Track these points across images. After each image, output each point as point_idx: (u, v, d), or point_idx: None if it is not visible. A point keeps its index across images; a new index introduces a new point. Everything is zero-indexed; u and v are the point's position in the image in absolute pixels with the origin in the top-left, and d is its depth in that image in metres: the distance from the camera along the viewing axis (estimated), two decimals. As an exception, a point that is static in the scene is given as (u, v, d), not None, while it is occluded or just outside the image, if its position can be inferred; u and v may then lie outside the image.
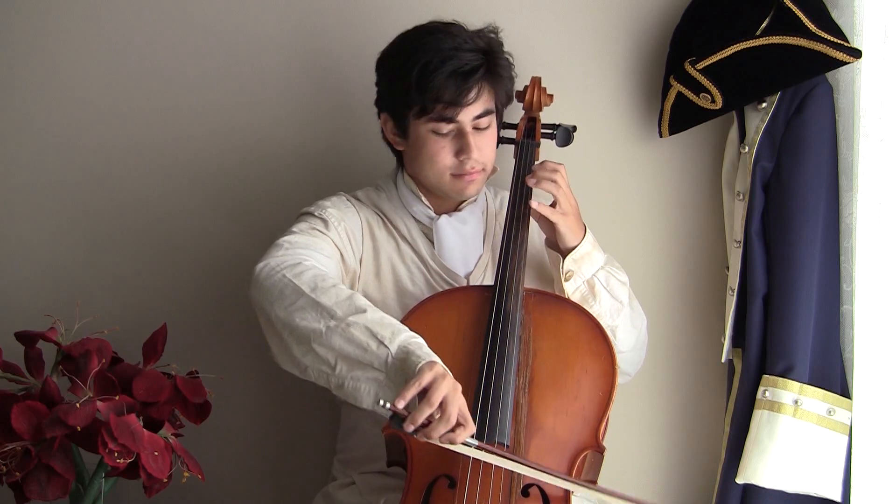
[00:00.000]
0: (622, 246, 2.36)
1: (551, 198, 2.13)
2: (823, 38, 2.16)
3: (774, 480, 2.19)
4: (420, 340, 1.86)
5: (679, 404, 2.48)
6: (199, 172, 2.51)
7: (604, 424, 1.99)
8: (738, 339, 2.31)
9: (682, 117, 2.36)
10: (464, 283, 2.20)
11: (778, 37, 2.20)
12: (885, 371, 2.19)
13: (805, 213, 2.21)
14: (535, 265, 2.22)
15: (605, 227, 2.30)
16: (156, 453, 1.92)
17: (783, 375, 2.20)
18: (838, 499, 2.20)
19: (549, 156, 2.23)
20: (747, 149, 2.28)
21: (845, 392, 2.22)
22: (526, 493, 1.92)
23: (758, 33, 2.21)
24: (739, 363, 2.31)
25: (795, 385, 2.19)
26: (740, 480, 2.22)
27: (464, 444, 1.80)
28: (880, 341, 2.19)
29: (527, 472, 1.86)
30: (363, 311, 1.87)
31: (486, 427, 1.91)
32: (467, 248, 2.23)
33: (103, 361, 2.02)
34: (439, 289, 2.17)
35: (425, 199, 2.22)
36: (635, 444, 2.47)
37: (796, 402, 2.18)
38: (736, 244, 2.30)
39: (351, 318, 1.86)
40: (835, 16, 2.22)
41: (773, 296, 2.23)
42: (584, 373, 2.02)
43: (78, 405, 1.91)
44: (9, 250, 2.53)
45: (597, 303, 2.14)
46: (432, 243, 2.22)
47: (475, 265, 2.23)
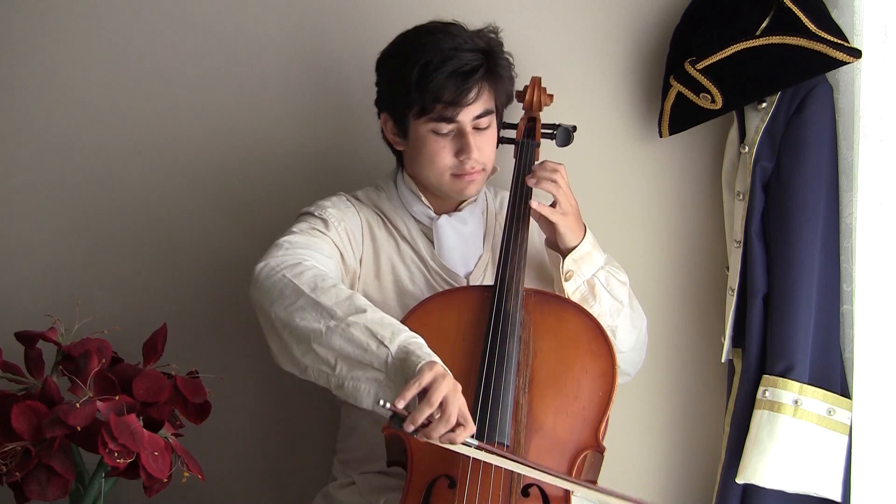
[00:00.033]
0: (622, 246, 2.36)
1: (551, 198, 2.13)
2: (823, 38, 2.16)
3: (774, 480, 2.19)
4: (420, 340, 1.86)
5: (679, 404, 2.48)
6: (199, 172, 2.51)
7: (604, 424, 1.99)
8: (738, 339, 2.31)
9: (682, 117, 2.36)
10: (464, 283, 2.20)
11: (778, 37, 2.20)
12: (885, 371, 2.19)
13: (805, 213, 2.21)
14: (535, 265, 2.21)
15: (605, 227, 2.30)
16: (156, 453, 1.92)
17: (783, 375, 2.20)
18: (838, 499, 2.20)
19: (549, 156, 2.23)
20: (747, 149, 2.28)
21: (845, 392, 2.22)
22: (526, 493, 1.92)
23: (758, 33, 2.21)
24: (739, 363, 2.31)
25: (795, 385, 2.19)
26: (740, 480, 2.22)
27: (464, 444, 1.80)
28: (880, 341, 2.19)
29: (527, 473, 1.86)
30: (363, 310, 1.87)
31: (486, 427, 1.91)
32: (467, 248, 2.23)
33: (103, 361, 2.02)
34: (439, 289, 2.17)
35: (425, 199, 2.22)
36: (635, 444, 2.47)
37: (796, 402, 2.18)
38: (736, 244, 2.30)
39: (351, 318, 1.86)
40: (835, 16, 2.22)
41: (773, 296, 2.23)
42: (584, 373, 2.02)
43: (78, 405, 1.91)
44: (9, 250, 2.53)
45: (597, 303, 2.14)
46: (432, 243, 2.22)
47: (475, 265, 2.23)
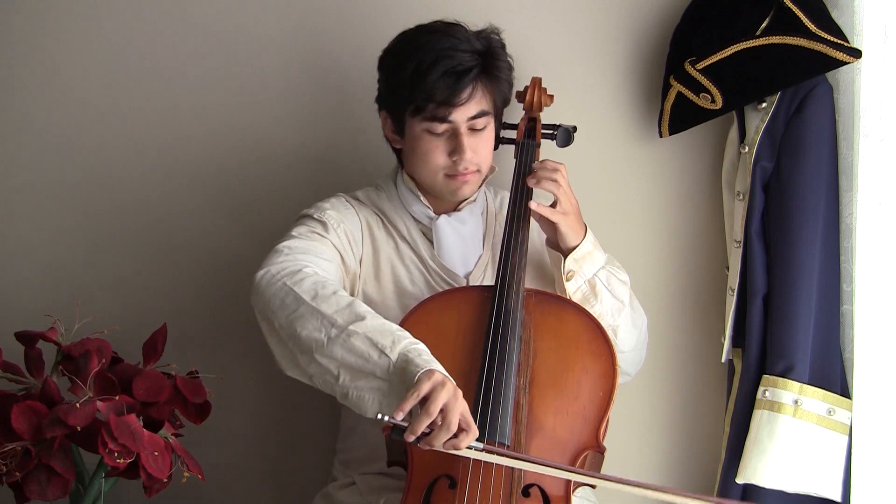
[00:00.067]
0: (622, 246, 2.36)
1: (552, 197, 2.13)
2: (823, 38, 2.16)
3: (774, 480, 2.19)
4: (420, 347, 1.85)
5: (679, 404, 2.48)
6: (199, 172, 2.51)
7: (604, 424, 1.99)
8: (738, 339, 2.31)
9: (682, 117, 2.36)
10: (463, 283, 2.20)
11: (778, 37, 2.20)
12: (885, 371, 2.19)
13: (805, 213, 2.21)
14: (535, 265, 2.21)
15: (605, 227, 2.30)
16: (156, 453, 1.92)
17: (783, 375, 2.20)
18: (838, 499, 2.20)
19: (549, 156, 2.23)
20: (747, 149, 2.28)
21: (845, 392, 2.22)
22: (526, 493, 1.91)
23: (758, 33, 2.21)
24: (739, 363, 2.31)
25: (795, 385, 2.19)
26: (740, 480, 2.22)
27: (469, 447, 1.79)
28: (880, 341, 2.19)
29: (535, 469, 1.85)
30: (363, 318, 1.87)
31: (487, 427, 1.91)
32: (467, 248, 2.23)
33: (103, 361, 2.02)
34: (439, 289, 2.17)
35: (424, 199, 2.21)
36: (635, 444, 2.47)
37: (796, 402, 2.18)
38: (736, 244, 2.30)
39: (351, 328, 1.85)
40: (835, 16, 2.22)
41: (773, 296, 2.23)
42: (585, 373, 2.01)
43: (78, 405, 1.91)
44: (9, 250, 2.53)
45: (598, 302, 2.14)
46: (432, 243, 2.22)
47: (475, 265, 2.23)
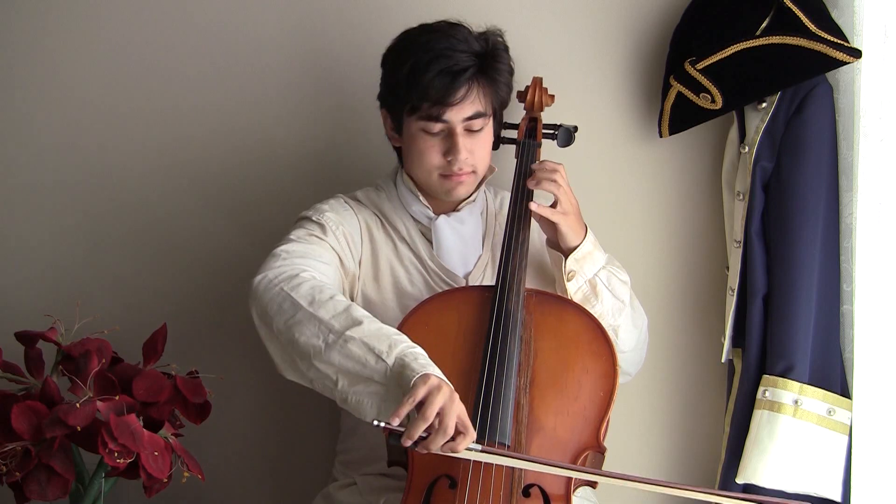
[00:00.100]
0: (622, 246, 2.36)
1: (552, 198, 2.13)
2: (823, 38, 2.16)
3: (774, 480, 2.19)
4: (417, 350, 1.85)
5: (679, 404, 2.48)
6: (199, 172, 2.51)
7: (605, 425, 1.99)
8: (738, 339, 2.31)
9: (682, 117, 2.36)
10: (462, 283, 2.19)
11: (778, 37, 2.20)
12: (885, 371, 2.19)
13: (805, 213, 2.21)
14: (535, 265, 2.21)
15: (605, 227, 2.30)
16: (156, 453, 1.92)
17: (783, 375, 2.20)
18: (838, 499, 2.20)
19: (550, 156, 2.23)
20: (747, 149, 2.28)
21: (845, 392, 2.22)
22: (527, 493, 1.91)
23: (758, 33, 2.21)
24: (739, 363, 2.31)
25: (795, 385, 2.19)
26: (740, 480, 2.22)
27: (467, 449, 1.79)
28: (880, 341, 2.19)
29: (535, 468, 1.85)
30: (360, 323, 1.86)
31: (487, 427, 1.91)
32: (466, 248, 2.23)
33: (103, 361, 2.02)
34: (438, 289, 2.17)
35: (423, 199, 2.21)
36: (635, 444, 2.47)
37: (796, 402, 2.19)
38: (736, 244, 2.30)
39: (348, 333, 1.85)
40: (835, 16, 2.22)
41: (773, 296, 2.23)
42: (585, 373, 2.01)
43: (78, 405, 1.91)
44: (9, 250, 2.53)
45: (599, 302, 2.14)
46: (431, 244, 2.22)
47: (474, 265, 2.22)
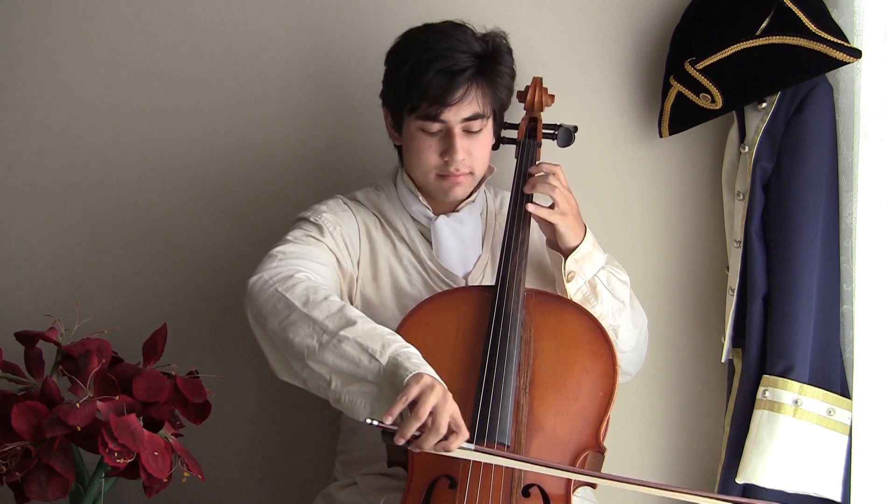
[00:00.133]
0: (622, 246, 2.36)
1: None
2: (823, 38, 2.16)
3: (774, 480, 2.19)
4: (410, 350, 1.85)
5: (679, 404, 2.48)
6: (198, 172, 2.51)
7: (604, 425, 1.99)
8: (738, 339, 2.31)
9: (682, 117, 2.36)
10: (462, 283, 2.19)
11: (778, 37, 2.20)
12: (885, 371, 2.19)
13: (805, 213, 2.21)
14: (535, 265, 2.21)
15: (605, 227, 2.30)
16: (156, 453, 1.92)
17: (783, 375, 2.20)
18: (838, 499, 2.20)
19: (550, 156, 2.23)
20: (747, 149, 2.28)
21: (845, 392, 2.22)
22: (526, 493, 1.91)
23: (758, 33, 2.21)
24: (739, 363, 2.31)
25: (795, 385, 2.19)
26: (740, 480, 2.22)
27: (461, 448, 1.79)
28: (880, 341, 2.19)
29: (528, 468, 1.85)
30: (353, 323, 1.86)
31: (487, 427, 1.91)
32: (466, 248, 2.22)
33: (103, 361, 2.02)
34: (437, 290, 2.17)
35: (423, 199, 2.21)
36: (635, 444, 2.47)
37: (796, 402, 2.18)
38: (736, 244, 2.30)
39: (342, 333, 1.85)
40: (835, 16, 2.22)
41: (773, 296, 2.23)
42: (585, 373, 2.01)
43: (78, 405, 1.91)
44: (9, 250, 2.53)
45: (598, 303, 2.14)
46: (431, 244, 2.22)
47: (474, 266, 2.22)
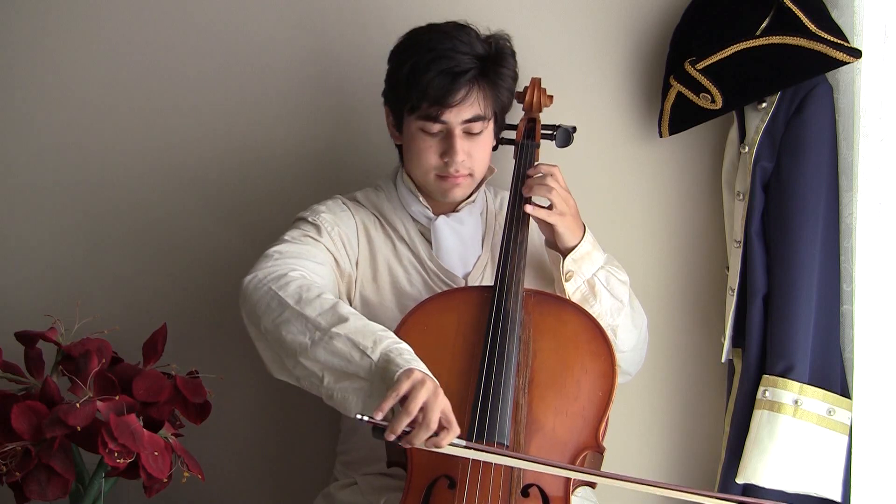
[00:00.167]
0: (622, 246, 2.36)
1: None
2: (823, 38, 2.16)
3: (774, 480, 2.19)
4: (402, 346, 1.85)
5: (679, 404, 2.48)
6: (199, 172, 2.51)
7: (604, 424, 1.99)
8: (738, 339, 2.31)
9: (682, 117, 2.36)
10: (462, 283, 2.19)
11: (778, 37, 2.20)
12: (885, 371, 2.19)
13: (805, 213, 2.21)
14: (534, 265, 2.21)
15: (605, 227, 2.30)
16: (156, 453, 1.92)
17: (783, 375, 2.20)
18: (838, 499, 2.20)
19: (549, 156, 2.23)
20: (747, 149, 2.28)
21: (845, 392, 2.22)
22: (526, 493, 1.91)
23: (758, 33, 2.21)
24: (739, 363, 2.31)
25: (795, 385, 2.19)
26: (740, 480, 2.22)
27: (452, 444, 1.79)
28: (880, 341, 2.19)
29: (522, 465, 1.85)
30: (346, 319, 1.86)
31: (486, 427, 1.91)
32: (465, 248, 2.22)
33: (103, 361, 2.02)
34: (437, 290, 2.17)
35: (423, 200, 2.21)
36: (635, 444, 2.47)
37: (796, 402, 2.18)
38: (736, 244, 2.30)
39: (334, 330, 1.85)
40: (835, 16, 2.22)
41: (773, 296, 2.23)
42: (584, 373, 2.01)
43: (78, 405, 1.91)
44: (9, 250, 2.53)
45: (597, 302, 2.14)
46: (430, 244, 2.22)
47: (473, 266, 2.22)
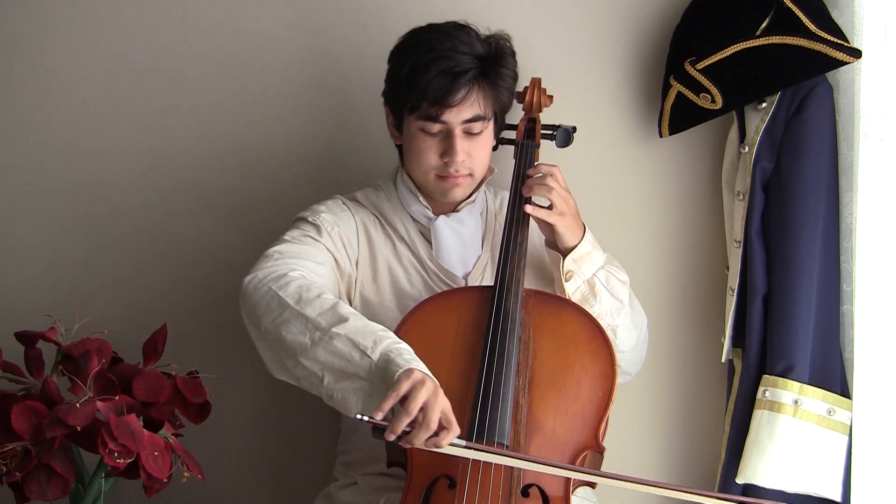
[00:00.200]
0: (622, 246, 2.36)
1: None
2: (823, 38, 2.16)
3: (774, 480, 2.19)
4: (402, 346, 1.85)
5: (679, 404, 2.48)
6: (199, 172, 2.51)
7: (604, 424, 1.99)
8: (738, 339, 2.31)
9: (682, 117, 2.36)
10: (462, 283, 2.19)
11: (778, 37, 2.20)
12: (885, 371, 2.19)
13: (805, 213, 2.21)
14: (535, 265, 2.21)
15: (605, 227, 2.30)
16: (156, 453, 1.92)
17: (783, 375, 2.20)
18: (838, 499, 2.20)
19: (549, 156, 2.23)
20: (747, 149, 2.28)
21: (845, 392, 2.22)
22: (526, 493, 1.91)
23: (758, 33, 2.21)
24: (739, 363, 2.31)
25: (795, 385, 2.19)
26: (740, 480, 2.22)
27: (452, 444, 1.79)
28: (880, 341, 2.19)
29: (521, 465, 1.85)
30: (346, 319, 1.86)
31: (486, 427, 1.91)
32: (465, 248, 2.22)
33: (103, 361, 2.02)
34: (437, 290, 2.17)
35: (423, 200, 2.21)
36: (635, 444, 2.47)
37: (796, 402, 2.18)
38: (736, 244, 2.30)
39: (334, 330, 1.85)
40: (835, 16, 2.22)
41: (773, 296, 2.23)
42: (584, 373, 2.01)
43: (78, 405, 1.91)
44: (9, 250, 2.53)
45: (597, 302, 2.14)
46: (430, 244, 2.21)
47: (473, 266, 2.22)
